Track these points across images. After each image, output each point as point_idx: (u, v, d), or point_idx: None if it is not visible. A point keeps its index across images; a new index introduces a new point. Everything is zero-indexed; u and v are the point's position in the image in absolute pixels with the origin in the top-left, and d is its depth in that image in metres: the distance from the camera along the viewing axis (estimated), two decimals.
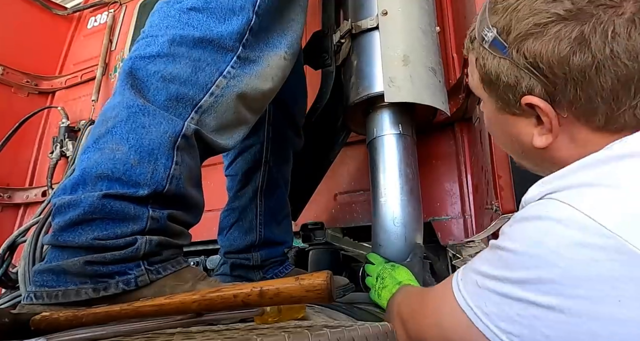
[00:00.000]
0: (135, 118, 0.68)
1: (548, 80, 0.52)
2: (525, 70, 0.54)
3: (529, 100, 0.54)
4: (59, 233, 0.64)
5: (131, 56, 0.74)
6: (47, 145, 2.31)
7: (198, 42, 0.74)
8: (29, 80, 2.37)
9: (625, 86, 0.49)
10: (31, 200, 2.21)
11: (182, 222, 0.72)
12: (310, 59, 1.26)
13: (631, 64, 0.48)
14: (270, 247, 1.20)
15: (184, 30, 0.74)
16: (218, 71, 0.75)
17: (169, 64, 0.72)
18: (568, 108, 0.53)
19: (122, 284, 0.63)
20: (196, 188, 0.75)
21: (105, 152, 0.66)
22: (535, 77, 0.53)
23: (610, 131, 0.52)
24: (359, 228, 1.50)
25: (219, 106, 0.75)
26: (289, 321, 0.57)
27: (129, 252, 0.63)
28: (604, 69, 0.49)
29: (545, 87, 0.53)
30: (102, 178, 0.65)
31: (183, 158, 0.70)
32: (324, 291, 0.43)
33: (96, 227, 0.63)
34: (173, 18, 0.76)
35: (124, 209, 0.64)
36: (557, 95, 0.52)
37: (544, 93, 0.53)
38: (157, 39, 0.74)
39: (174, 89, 0.71)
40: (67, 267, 0.62)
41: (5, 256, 0.84)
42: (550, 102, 0.53)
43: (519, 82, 0.55)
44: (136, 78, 0.71)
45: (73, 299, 0.61)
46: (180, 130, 0.70)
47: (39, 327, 0.52)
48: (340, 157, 1.44)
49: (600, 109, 0.51)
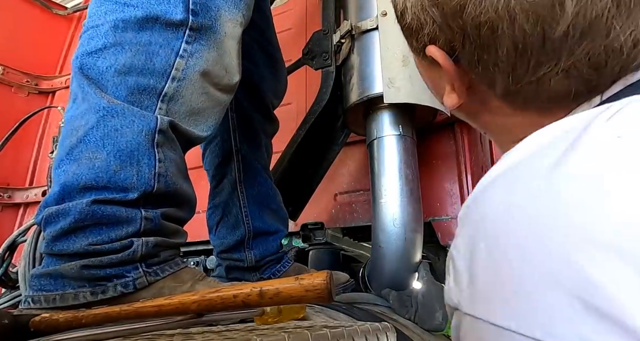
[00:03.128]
0: (106, 121, 0.64)
1: (446, 31, 0.43)
2: (426, 13, 0.44)
3: (429, 50, 0.46)
4: (52, 243, 0.62)
5: (77, 54, 0.68)
6: (47, 145, 2.31)
7: (143, 22, 0.68)
8: (29, 80, 2.37)
9: (523, 57, 0.39)
10: (31, 200, 2.21)
11: (176, 219, 0.71)
12: (310, 58, 1.26)
13: (530, 30, 0.37)
14: (263, 239, 1.13)
15: (125, 12, 0.68)
16: (173, 52, 0.69)
17: (118, 54, 0.66)
18: (469, 69, 0.44)
19: (120, 287, 0.62)
20: (185, 181, 0.73)
21: (83, 163, 0.63)
22: (436, 24, 0.44)
23: (518, 104, 0.44)
24: (359, 228, 1.50)
25: (184, 90, 0.70)
26: (289, 321, 0.57)
27: (126, 255, 0.62)
28: (500, 31, 0.39)
29: (446, 39, 0.44)
30: (87, 189, 0.62)
31: (165, 154, 0.67)
32: (324, 291, 0.43)
33: (89, 233, 0.62)
34: (110, 1, 0.69)
35: (115, 213, 0.62)
36: (457, 51, 0.44)
37: (446, 46, 0.44)
38: (99, 29, 0.68)
39: (133, 81, 0.66)
40: (65, 271, 0.61)
41: (5, 256, 0.84)
42: (452, 57, 0.44)
43: (422, 26, 0.45)
44: (90, 78, 0.66)
45: (71, 303, 0.61)
46: (155, 125, 0.66)
47: (39, 328, 0.52)
48: (340, 157, 1.44)
49: (498, 80, 0.42)
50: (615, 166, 0.27)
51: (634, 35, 0.36)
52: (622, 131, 0.28)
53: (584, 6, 0.35)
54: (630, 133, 0.28)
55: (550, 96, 0.41)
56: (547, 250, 0.27)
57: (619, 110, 0.30)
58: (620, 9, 0.35)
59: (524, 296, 0.27)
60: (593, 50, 0.37)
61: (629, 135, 0.28)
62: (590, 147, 0.29)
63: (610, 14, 0.35)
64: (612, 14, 0.35)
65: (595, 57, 0.37)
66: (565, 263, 0.26)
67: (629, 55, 0.36)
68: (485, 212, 0.32)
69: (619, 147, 0.28)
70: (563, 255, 0.26)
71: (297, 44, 1.43)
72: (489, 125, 0.50)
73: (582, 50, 0.37)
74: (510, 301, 0.28)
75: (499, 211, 0.31)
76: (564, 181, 0.28)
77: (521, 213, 0.29)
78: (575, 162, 0.29)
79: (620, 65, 0.37)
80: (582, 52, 0.37)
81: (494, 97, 0.45)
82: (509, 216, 0.30)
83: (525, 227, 0.29)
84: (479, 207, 0.33)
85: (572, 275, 0.26)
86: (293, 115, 1.63)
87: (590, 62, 0.37)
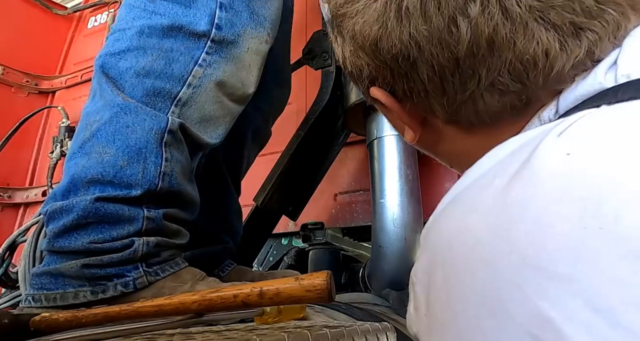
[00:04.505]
0: (118, 118, 0.66)
1: (377, 69, 0.43)
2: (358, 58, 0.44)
3: (372, 92, 0.46)
4: (54, 239, 0.63)
5: (101, 54, 0.72)
6: (47, 145, 2.31)
7: (167, 30, 0.71)
8: (29, 80, 2.37)
9: (446, 79, 0.39)
10: (31, 200, 2.21)
11: (178, 220, 0.72)
12: (310, 58, 1.26)
13: (439, 52, 0.37)
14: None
15: (152, 19, 0.71)
16: (193, 60, 0.72)
17: (140, 57, 0.69)
18: (407, 101, 0.44)
19: (120, 286, 0.62)
20: (189, 183, 0.74)
21: (93, 157, 0.65)
22: (368, 66, 0.44)
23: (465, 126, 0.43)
24: (359, 228, 1.50)
25: (198, 97, 0.72)
26: (289, 321, 0.57)
27: (127, 254, 0.63)
28: (413, 59, 0.39)
29: (381, 77, 0.44)
30: (93, 183, 0.64)
31: (172, 154, 0.69)
32: (324, 291, 0.43)
33: (91, 231, 0.63)
34: (139, 8, 0.73)
35: (118, 211, 0.63)
36: (391, 86, 0.44)
37: (384, 84, 0.44)
38: (125, 33, 0.71)
39: (150, 84, 0.69)
40: (65, 270, 0.62)
41: (5, 256, 0.84)
42: (392, 94, 0.44)
43: (361, 71, 0.45)
44: (109, 76, 0.69)
45: (71, 302, 0.61)
46: (165, 125, 0.68)
47: (39, 328, 0.52)
48: (340, 157, 1.44)
49: (435, 106, 0.42)
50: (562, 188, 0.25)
51: (541, 45, 0.35)
52: (572, 148, 0.27)
53: (476, 25, 0.35)
54: (579, 150, 0.26)
55: (490, 113, 0.40)
56: (496, 281, 0.25)
57: (571, 125, 0.29)
58: (515, 23, 0.35)
59: (474, 331, 0.25)
60: (507, 64, 0.36)
61: (578, 152, 0.26)
62: (539, 167, 0.27)
63: (505, 29, 0.35)
64: (508, 29, 0.35)
65: (514, 70, 0.37)
66: (513, 295, 0.24)
67: (544, 66, 0.36)
68: (442, 236, 0.30)
69: (567, 166, 0.26)
70: (512, 285, 0.24)
71: (297, 44, 1.43)
72: (451, 155, 0.50)
73: (495, 64, 0.37)
74: (463, 336, 0.26)
75: (453, 235, 0.29)
76: (512, 205, 0.26)
77: (473, 239, 0.27)
78: (522, 186, 0.27)
79: (541, 76, 0.36)
80: (498, 66, 0.37)
81: (443, 124, 0.44)
82: (461, 241, 0.28)
83: (476, 254, 0.26)
84: (436, 230, 0.31)
85: (522, 310, 0.23)
86: (293, 115, 1.62)
87: (512, 75, 0.37)
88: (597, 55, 0.36)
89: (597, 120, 0.29)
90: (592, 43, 0.35)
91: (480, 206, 0.28)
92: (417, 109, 0.44)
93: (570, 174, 0.25)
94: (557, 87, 0.37)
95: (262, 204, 1.24)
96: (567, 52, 0.35)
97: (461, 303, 0.26)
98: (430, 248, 0.31)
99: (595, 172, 0.24)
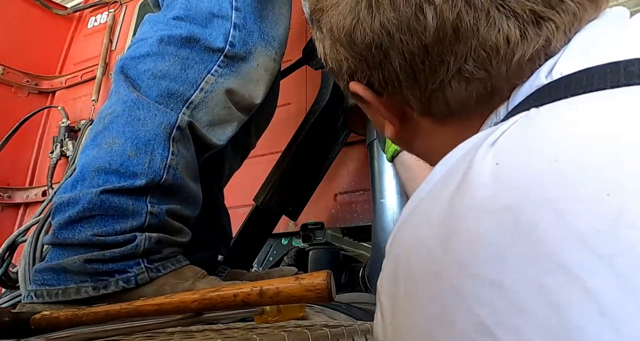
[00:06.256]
0: (131, 111, 0.70)
1: (354, 62, 0.44)
2: (337, 52, 0.45)
3: (351, 87, 0.46)
4: (59, 231, 0.65)
5: (122, 57, 0.78)
6: (47, 144, 2.31)
7: (185, 41, 0.77)
8: (29, 79, 2.37)
9: (416, 67, 0.39)
10: (31, 200, 2.21)
11: (180, 217, 0.73)
12: (310, 58, 1.26)
13: (408, 40, 0.38)
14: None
15: (172, 30, 0.78)
16: (206, 69, 0.78)
17: (158, 61, 0.75)
18: (382, 93, 0.44)
19: (122, 282, 0.63)
20: (193, 180, 0.76)
21: (103, 147, 0.68)
22: (346, 59, 0.44)
23: (440, 117, 0.43)
24: (359, 228, 1.50)
25: (209, 101, 0.77)
26: (288, 320, 0.57)
27: (129, 249, 0.63)
28: (385, 47, 0.40)
29: (358, 70, 0.44)
30: (100, 171, 0.66)
31: (179, 149, 0.72)
32: (324, 291, 0.43)
33: (95, 223, 0.64)
34: (162, 23, 0.80)
35: (122, 205, 0.65)
36: (367, 78, 0.44)
37: (362, 77, 0.45)
38: (146, 41, 0.78)
39: (165, 85, 0.74)
40: (67, 265, 0.62)
41: (5, 256, 0.84)
42: (370, 87, 0.45)
43: (340, 66, 0.46)
44: (128, 76, 0.75)
45: (73, 297, 0.62)
46: (174, 121, 0.72)
47: (39, 326, 0.52)
48: (340, 157, 1.44)
49: (409, 96, 0.42)
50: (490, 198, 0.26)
51: (502, 33, 0.36)
52: (500, 158, 0.27)
53: (441, 12, 0.36)
54: (505, 160, 0.27)
55: (459, 102, 0.41)
56: (444, 291, 0.25)
57: (502, 134, 0.29)
58: (477, 10, 0.36)
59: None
60: (472, 51, 0.37)
61: (505, 162, 0.27)
62: (473, 178, 0.27)
63: (469, 16, 0.36)
64: (472, 16, 0.36)
65: (478, 57, 0.37)
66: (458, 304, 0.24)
67: (505, 53, 0.36)
68: (402, 248, 0.30)
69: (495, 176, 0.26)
70: (456, 295, 0.24)
71: (297, 44, 1.43)
72: (429, 150, 0.49)
73: (462, 51, 0.37)
74: None
75: (410, 248, 0.29)
76: (454, 217, 0.27)
77: (425, 252, 0.27)
78: (461, 197, 0.27)
79: (504, 63, 0.37)
80: (464, 53, 0.37)
81: (418, 116, 0.45)
82: (416, 254, 0.28)
83: (428, 267, 0.27)
84: (397, 241, 0.32)
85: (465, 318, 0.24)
86: (293, 115, 1.63)
87: (476, 62, 0.37)
88: (552, 47, 0.36)
89: (523, 129, 0.30)
90: (550, 33, 0.36)
91: (431, 219, 0.29)
92: (393, 101, 0.45)
93: (497, 184, 0.26)
94: (516, 81, 0.38)
95: (262, 204, 1.25)
96: (527, 40, 0.36)
97: (419, 313, 0.27)
98: (393, 259, 0.31)
99: (517, 182, 0.26)
